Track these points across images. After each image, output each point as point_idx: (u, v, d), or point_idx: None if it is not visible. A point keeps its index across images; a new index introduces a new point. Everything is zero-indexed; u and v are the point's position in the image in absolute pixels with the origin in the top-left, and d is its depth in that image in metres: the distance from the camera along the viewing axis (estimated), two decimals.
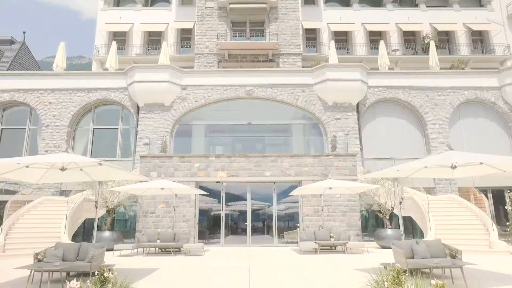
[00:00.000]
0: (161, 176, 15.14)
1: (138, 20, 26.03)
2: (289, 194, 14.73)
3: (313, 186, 12.87)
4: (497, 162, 7.75)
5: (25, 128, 18.71)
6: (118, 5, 27.53)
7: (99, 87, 18.61)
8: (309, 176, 15.31)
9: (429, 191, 16.46)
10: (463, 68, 21.51)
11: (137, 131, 17.80)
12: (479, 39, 26.84)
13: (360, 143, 17.51)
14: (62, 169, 8.03)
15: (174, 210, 14.48)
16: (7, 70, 25.92)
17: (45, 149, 17.77)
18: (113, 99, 18.52)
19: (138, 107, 18.22)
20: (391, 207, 14.17)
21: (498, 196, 17.38)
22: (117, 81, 18.70)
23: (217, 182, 15.67)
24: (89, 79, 19.01)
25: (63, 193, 16.99)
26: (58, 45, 19.99)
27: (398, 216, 10.35)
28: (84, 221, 15.40)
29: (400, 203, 8.95)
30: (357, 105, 18.01)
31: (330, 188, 12.76)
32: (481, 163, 7.94)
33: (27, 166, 7.90)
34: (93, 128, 18.66)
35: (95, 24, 26.54)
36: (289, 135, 18.49)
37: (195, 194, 15.22)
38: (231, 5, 24.27)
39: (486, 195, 16.57)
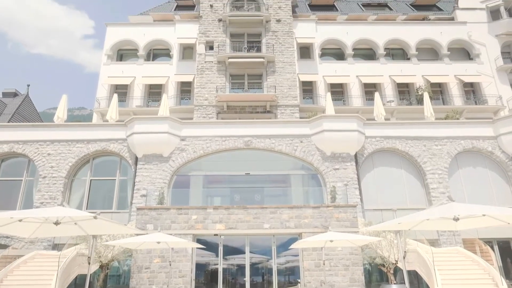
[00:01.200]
0: (157, 229, 14.72)
1: (139, 74, 26.84)
2: (289, 248, 14.23)
3: (314, 239, 12.50)
4: (500, 214, 7.59)
5: (21, 180, 18.54)
6: (121, 60, 28.54)
7: (98, 138, 18.71)
8: (309, 228, 14.94)
9: (433, 243, 16.03)
10: (458, 118, 21.89)
11: (134, 182, 17.64)
12: (471, 90, 27.62)
13: (360, 194, 17.32)
14: (56, 223, 7.81)
15: (170, 265, 13.94)
16: (8, 122, 26.27)
17: (41, 201, 17.50)
18: (112, 150, 18.56)
19: (136, 158, 18.20)
20: (395, 260, 13.69)
21: (504, 247, 16.91)
22: (116, 132, 18.85)
23: (214, 235, 15.26)
24: (89, 130, 19.18)
25: (56, 247, 16.45)
26: (60, 97, 20.38)
27: (402, 269, 9.96)
28: (76, 277, 14.76)
29: (404, 257, 8.64)
30: (355, 155, 18.06)
31: (331, 241, 12.39)
32: (484, 215, 7.78)
33: (20, 220, 7.68)
34: (90, 179, 18.52)
35: (98, 77, 27.32)
36: (288, 185, 18.35)
37: (192, 248, 14.75)
38: (230, 60, 25.20)
39: (492, 247, 16.13)
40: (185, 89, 27.04)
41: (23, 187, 18.40)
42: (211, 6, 27.83)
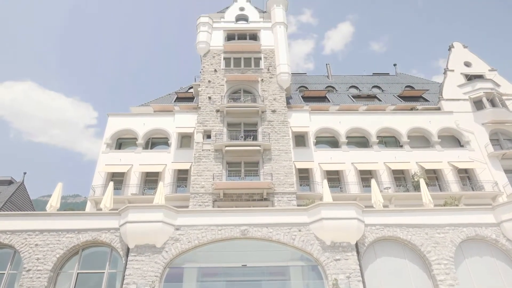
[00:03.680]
0: None
1: (137, 162, 27.09)
2: None
3: None
4: None
5: (4, 273, 17.38)
6: (120, 148, 29.08)
7: (90, 228, 18.05)
8: None
9: None
10: (457, 205, 21.66)
11: (124, 276, 16.56)
12: (466, 176, 27.85)
13: (364, 287, 16.26)
14: None
15: None
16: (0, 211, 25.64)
17: None
18: (103, 241, 17.77)
19: (128, 249, 17.37)
20: None
21: None
22: (109, 221, 18.27)
23: None
24: (81, 219, 18.58)
25: None
26: (56, 185, 20.11)
27: None
28: None
29: None
30: (356, 244, 17.38)
31: None
32: None
33: None
34: (78, 273, 17.39)
35: (96, 164, 27.47)
36: (287, 278, 17.22)
37: None
38: (227, 148, 25.72)
39: None
40: (181, 176, 27.11)
41: (5, 281, 17.16)
42: (210, 98, 29.33)
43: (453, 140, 29.82)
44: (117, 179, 26.40)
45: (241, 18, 36.17)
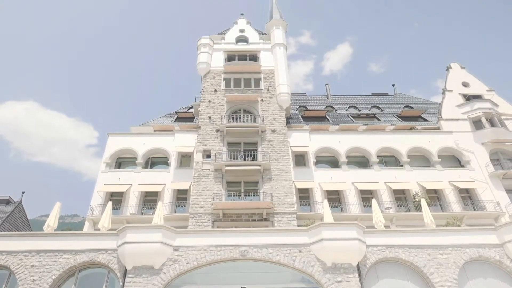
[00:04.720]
0: None
1: (136, 181, 26.93)
2: None
3: None
4: None
5: None
6: (119, 167, 28.96)
7: (87, 248, 17.77)
8: None
9: None
10: (459, 225, 21.41)
11: None
12: (467, 196, 27.65)
13: None
14: None
15: None
16: None
17: None
18: (101, 262, 17.47)
19: (125, 270, 17.06)
20: None
21: None
22: (107, 242, 18.01)
23: None
24: (78, 239, 18.31)
25: None
26: (54, 204, 19.91)
27: None
28: None
29: None
30: (358, 266, 17.08)
31: None
32: None
33: None
34: None
35: (95, 184, 27.28)
36: None
37: None
38: (227, 167, 25.64)
39: None
40: (181, 196, 26.90)
41: None
42: (210, 117, 29.46)
43: (454, 159, 29.76)
44: (116, 198, 26.19)
45: (241, 39, 36.76)
